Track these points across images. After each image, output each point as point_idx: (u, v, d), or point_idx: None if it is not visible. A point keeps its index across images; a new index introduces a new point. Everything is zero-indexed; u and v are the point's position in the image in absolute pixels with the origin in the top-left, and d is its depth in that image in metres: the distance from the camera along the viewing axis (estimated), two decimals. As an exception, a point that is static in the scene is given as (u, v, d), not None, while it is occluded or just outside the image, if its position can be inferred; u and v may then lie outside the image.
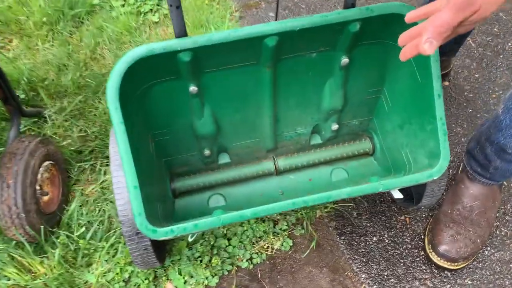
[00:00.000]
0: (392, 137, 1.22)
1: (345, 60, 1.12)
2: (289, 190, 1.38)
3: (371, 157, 1.42)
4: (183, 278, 1.38)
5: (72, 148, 1.63)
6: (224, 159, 1.37)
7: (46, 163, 1.41)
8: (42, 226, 1.32)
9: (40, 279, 1.31)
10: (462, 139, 1.69)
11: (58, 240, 1.38)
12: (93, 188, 1.57)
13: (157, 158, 1.24)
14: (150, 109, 1.12)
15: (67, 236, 1.42)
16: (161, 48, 0.95)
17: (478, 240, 1.24)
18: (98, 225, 1.46)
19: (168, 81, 1.07)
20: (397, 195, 1.17)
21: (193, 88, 1.08)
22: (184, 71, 1.03)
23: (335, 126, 1.32)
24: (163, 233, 0.96)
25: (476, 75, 1.91)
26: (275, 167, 1.37)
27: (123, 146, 0.93)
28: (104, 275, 1.36)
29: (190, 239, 1.19)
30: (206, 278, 1.39)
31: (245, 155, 1.36)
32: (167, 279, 1.38)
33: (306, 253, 1.46)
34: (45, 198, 1.41)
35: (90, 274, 1.36)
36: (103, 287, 1.35)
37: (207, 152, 1.29)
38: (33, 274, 1.34)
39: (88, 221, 1.47)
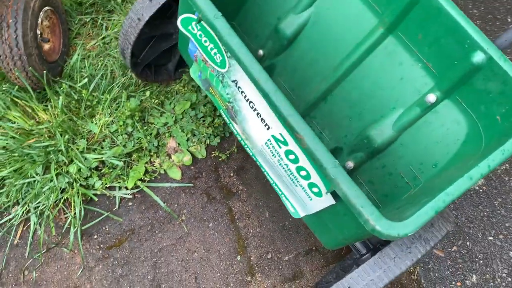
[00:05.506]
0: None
1: None
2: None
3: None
4: (186, 135, 1.38)
5: (72, -2, 1.52)
6: None
7: (46, 8, 1.33)
8: (44, 72, 1.28)
9: (44, 125, 1.30)
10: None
11: (61, 89, 1.34)
12: (95, 43, 1.50)
13: None
14: None
15: (70, 87, 1.38)
16: None
17: None
18: (100, 78, 1.41)
19: None
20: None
21: None
22: None
23: None
24: None
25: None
26: None
27: None
28: (107, 127, 1.36)
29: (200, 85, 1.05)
30: (209, 137, 1.39)
31: None
32: (170, 136, 1.36)
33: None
34: (46, 46, 1.36)
35: (93, 125, 1.35)
36: (106, 138, 1.35)
37: None
38: (36, 121, 1.33)
39: (91, 74, 1.43)
